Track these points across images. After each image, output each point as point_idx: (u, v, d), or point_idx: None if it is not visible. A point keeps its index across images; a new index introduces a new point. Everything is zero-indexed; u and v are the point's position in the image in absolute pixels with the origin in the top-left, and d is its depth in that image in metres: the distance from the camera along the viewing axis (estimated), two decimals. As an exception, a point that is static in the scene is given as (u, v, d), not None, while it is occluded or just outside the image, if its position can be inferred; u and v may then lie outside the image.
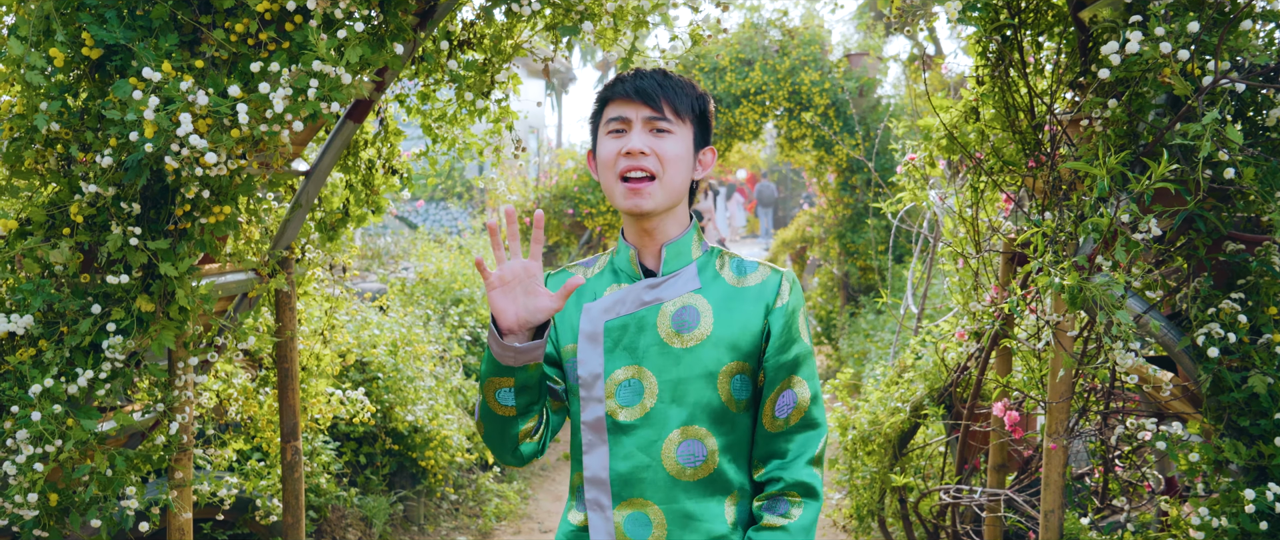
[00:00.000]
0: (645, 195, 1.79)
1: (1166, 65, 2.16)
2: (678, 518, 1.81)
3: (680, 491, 1.82)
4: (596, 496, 1.84)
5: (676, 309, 1.84)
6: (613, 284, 1.90)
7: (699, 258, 1.90)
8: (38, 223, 2.47)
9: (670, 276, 1.86)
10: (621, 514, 1.83)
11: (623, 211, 1.83)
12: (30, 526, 2.41)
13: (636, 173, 1.79)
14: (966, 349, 3.48)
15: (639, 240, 1.88)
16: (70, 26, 2.35)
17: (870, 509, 3.96)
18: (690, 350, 1.82)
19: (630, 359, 1.83)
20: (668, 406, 1.81)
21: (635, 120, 1.80)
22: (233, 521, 3.88)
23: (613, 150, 1.81)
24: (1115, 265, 2.22)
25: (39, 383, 2.34)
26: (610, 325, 1.85)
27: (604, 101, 1.87)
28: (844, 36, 12.42)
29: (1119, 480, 2.88)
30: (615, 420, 1.83)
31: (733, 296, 1.86)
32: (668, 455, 1.81)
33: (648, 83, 1.81)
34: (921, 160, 3.25)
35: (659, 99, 1.80)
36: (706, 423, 1.82)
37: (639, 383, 1.82)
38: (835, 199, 9.74)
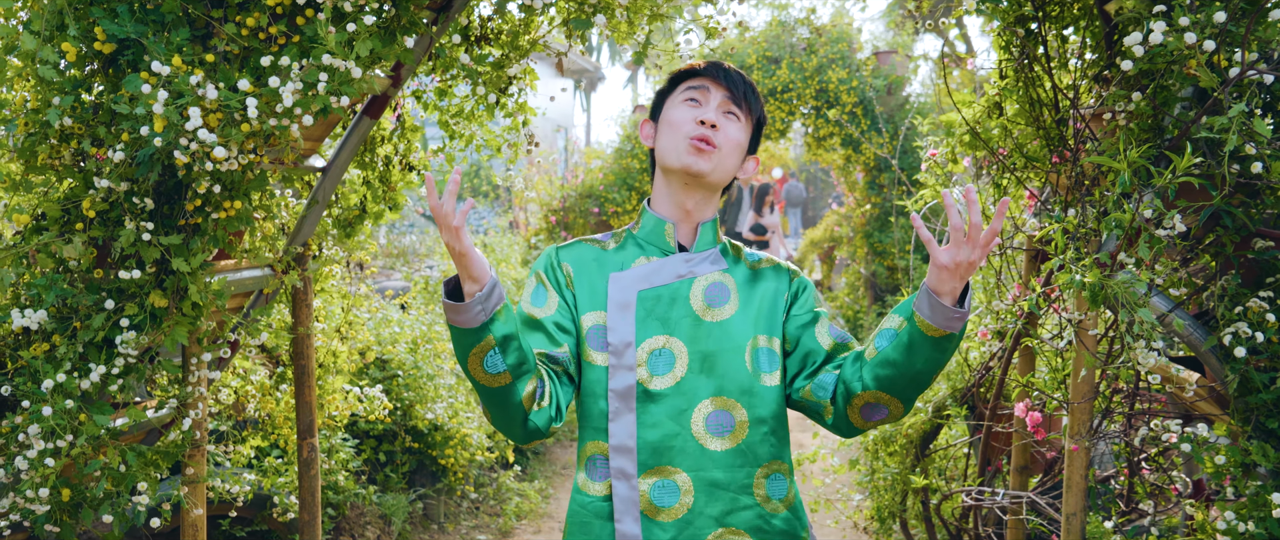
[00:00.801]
0: (706, 156, 1.88)
1: (1192, 57, 2.10)
2: (705, 486, 1.85)
3: (708, 460, 1.85)
4: (622, 465, 1.86)
5: (708, 285, 1.93)
6: (640, 256, 1.96)
7: (721, 244, 2.00)
8: (53, 218, 2.47)
9: (702, 254, 1.96)
10: (648, 482, 1.85)
11: (673, 174, 1.92)
12: (42, 522, 2.41)
13: (702, 143, 1.88)
14: (989, 348, 3.42)
15: (676, 214, 1.96)
16: (83, 21, 2.35)
17: (892, 511, 3.91)
18: (720, 324, 1.89)
19: (662, 329, 1.89)
20: (698, 377, 1.87)
21: (713, 97, 1.92)
22: (251, 518, 3.88)
23: (688, 115, 1.91)
24: (1139, 262, 2.17)
25: (51, 378, 2.34)
26: (644, 294, 1.90)
27: (682, 77, 1.98)
28: (873, 35, 12.33)
29: (1145, 483, 2.82)
30: (646, 388, 1.86)
31: (753, 277, 1.97)
32: (697, 424, 1.86)
33: (733, 74, 1.95)
34: (943, 156, 3.20)
35: (739, 89, 1.94)
36: (735, 394, 1.87)
37: (670, 352, 1.88)
38: (863, 198, 9.68)
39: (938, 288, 1.67)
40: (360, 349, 4.03)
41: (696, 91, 1.92)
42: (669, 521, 1.84)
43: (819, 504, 4.25)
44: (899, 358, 1.74)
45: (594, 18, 2.66)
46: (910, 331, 1.72)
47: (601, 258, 1.97)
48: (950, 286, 1.66)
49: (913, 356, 1.73)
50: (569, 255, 1.98)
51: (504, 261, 8.22)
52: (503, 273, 7.72)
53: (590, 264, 1.96)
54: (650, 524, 1.84)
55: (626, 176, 9.82)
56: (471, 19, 3.12)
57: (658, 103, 2.01)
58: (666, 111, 1.96)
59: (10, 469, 2.35)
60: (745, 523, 1.87)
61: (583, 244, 2.01)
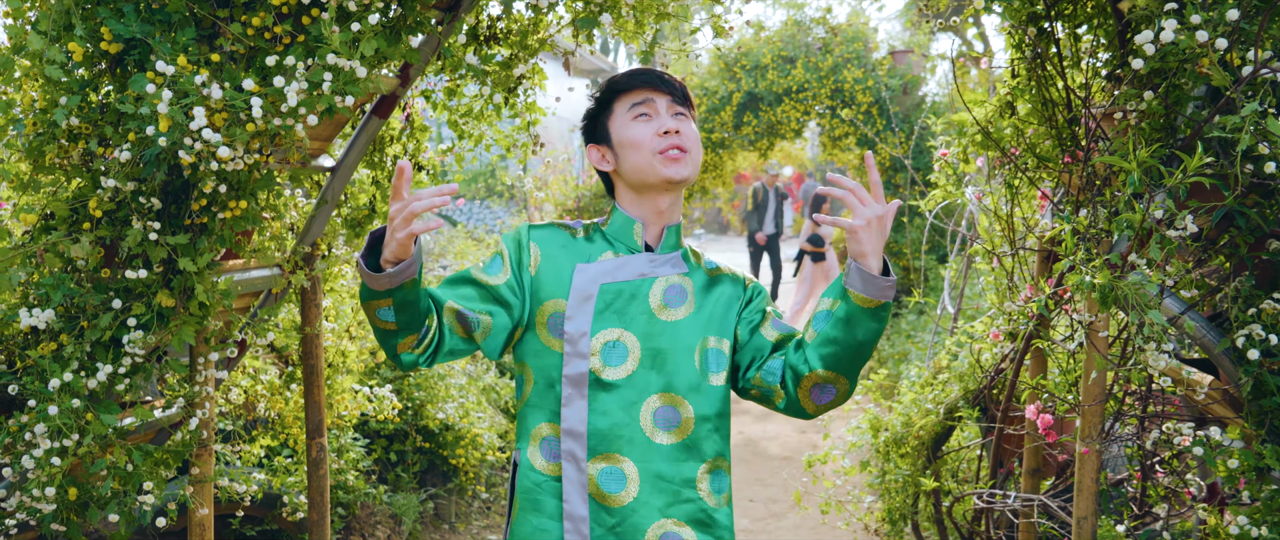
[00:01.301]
0: (684, 163, 1.96)
1: (1204, 55, 2.07)
2: (650, 477, 1.93)
3: (655, 453, 1.93)
4: (572, 448, 1.94)
5: (667, 286, 2.00)
6: (608, 251, 2.02)
7: (683, 249, 2.08)
8: (61, 217, 2.48)
9: (666, 255, 2.03)
10: (596, 467, 1.93)
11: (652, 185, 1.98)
12: (48, 520, 2.42)
13: (675, 151, 1.95)
14: (1001, 350, 3.39)
15: (647, 215, 2.03)
16: (89, 21, 2.35)
17: (903, 513, 3.88)
18: (673, 324, 1.97)
19: (618, 322, 1.96)
20: (648, 372, 1.95)
21: (660, 105, 1.98)
22: (261, 517, 3.89)
23: (646, 131, 1.96)
24: (1150, 264, 2.14)
25: (58, 377, 2.35)
26: (606, 287, 1.98)
27: (614, 96, 2.03)
28: (889, 34, 12.27)
29: (1158, 486, 2.79)
30: (598, 377, 1.94)
31: (710, 282, 2.05)
32: (645, 417, 1.94)
33: (668, 77, 2.00)
34: (954, 156, 3.17)
35: (679, 89, 2.01)
36: (683, 391, 1.95)
37: (623, 345, 1.95)
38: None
39: (861, 252, 1.79)
40: (371, 348, 4.03)
41: (643, 105, 1.98)
42: (615, 508, 1.92)
43: (829, 506, 4.23)
44: (840, 334, 1.85)
45: (600, 17, 2.64)
46: (846, 308, 1.82)
47: (570, 244, 2.04)
48: (872, 247, 1.79)
49: (852, 330, 1.84)
50: (540, 236, 2.04)
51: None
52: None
53: (558, 249, 2.03)
54: (597, 507, 1.92)
55: (641, 176, 9.79)
56: (480, 19, 3.12)
57: (596, 124, 2.06)
58: (618, 133, 2.00)
59: (17, 468, 2.35)
60: (687, 514, 1.94)
61: (555, 227, 2.07)
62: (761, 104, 9.41)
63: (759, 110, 9.45)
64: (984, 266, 3.33)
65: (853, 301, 1.81)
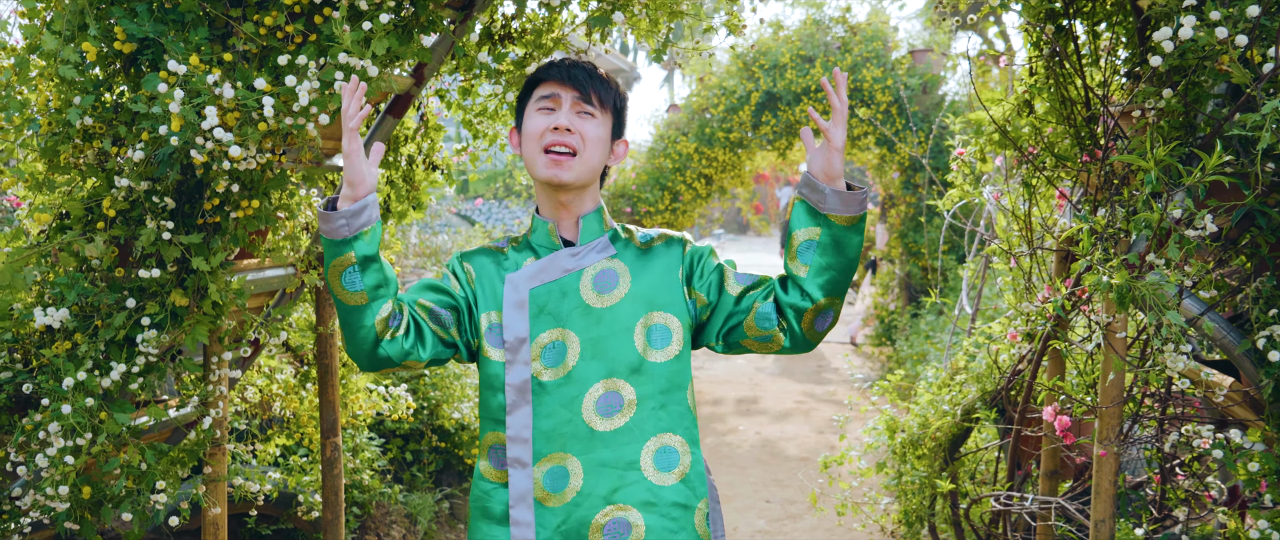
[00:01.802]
0: (565, 167, 1.96)
1: (1224, 52, 2.04)
2: (594, 467, 1.94)
3: (598, 442, 1.95)
4: (518, 454, 1.95)
5: (597, 273, 2.02)
6: (531, 257, 2.05)
7: (609, 231, 2.08)
8: (76, 217, 2.49)
9: (588, 245, 2.04)
10: (542, 469, 1.95)
11: (540, 183, 2.01)
12: (62, 518, 2.43)
13: (561, 147, 1.96)
14: (1019, 351, 3.36)
15: (556, 214, 2.05)
16: (103, 21, 2.36)
17: (919, 515, 3.85)
18: (610, 309, 1.99)
19: (554, 322, 1.98)
20: (588, 363, 1.96)
21: (565, 100, 1.99)
22: (276, 517, 3.90)
23: (541, 124, 1.98)
24: (1169, 263, 2.11)
25: (72, 376, 2.36)
26: (535, 291, 2.00)
27: (535, 82, 2.04)
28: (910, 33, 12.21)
29: (1178, 489, 2.75)
30: (539, 381, 1.96)
31: (644, 256, 2.06)
32: (587, 408, 1.95)
33: (579, 71, 2.00)
34: (971, 155, 3.14)
35: (588, 86, 1.99)
36: (624, 374, 1.96)
37: (562, 344, 1.97)
38: (898, 198, 9.58)
39: (833, 174, 1.87)
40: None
41: (548, 99, 1.99)
42: (559, 506, 1.94)
43: (845, 507, 4.20)
44: (832, 259, 1.90)
45: (612, 15, 2.63)
46: (831, 232, 1.89)
47: (500, 261, 2.06)
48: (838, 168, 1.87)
49: (843, 250, 1.90)
50: (472, 259, 2.08)
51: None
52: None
53: (490, 268, 2.05)
54: (542, 509, 1.94)
55: (659, 176, 9.79)
56: (494, 18, 3.11)
57: (519, 113, 2.08)
58: (524, 123, 2.03)
59: (32, 466, 2.36)
60: (633, 498, 1.95)
61: (484, 250, 2.10)
62: (780, 103, 9.38)
63: (778, 110, 9.42)
64: (1002, 267, 3.30)
65: (836, 224, 1.87)
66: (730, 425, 7.72)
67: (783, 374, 9.75)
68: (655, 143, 10.16)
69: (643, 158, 10.29)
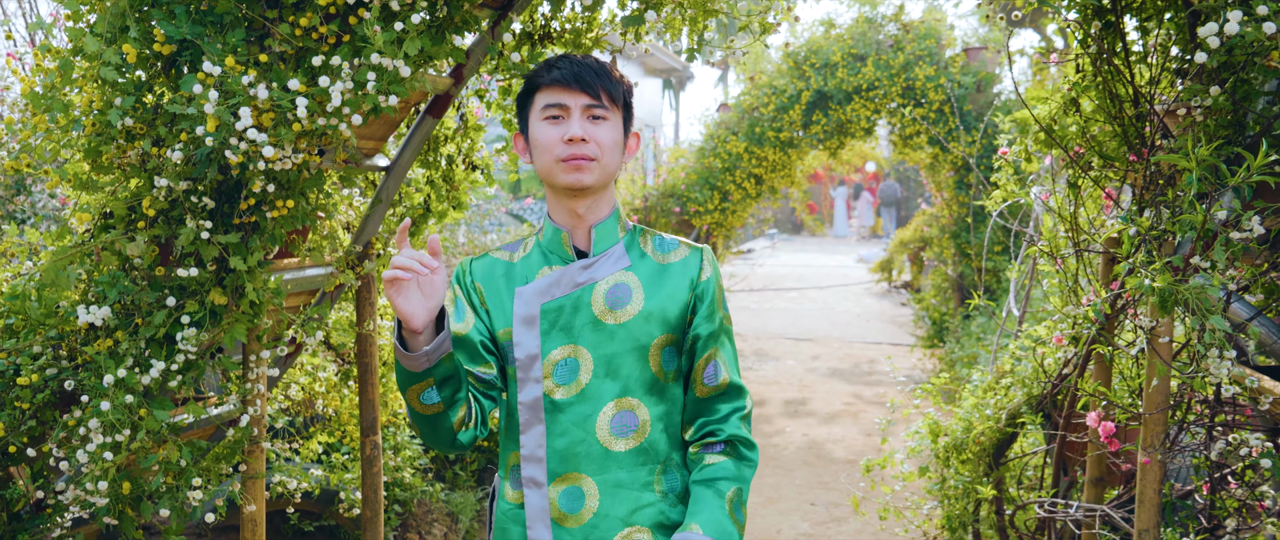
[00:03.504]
0: (587, 170, 1.87)
1: (1274, 48, 1.98)
2: (609, 488, 1.90)
3: (613, 462, 1.90)
4: (533, 474, 1.91)
5: (609, 287, 1.93)
6: (543, 266, 1.96)
7: (624, 237, 1.99)
8: (119, 216, 2.53)
9: (602, 256, 1.95)
10: (556, 489, 1.90)
11: (558, 190, 1.91)
12: (102, 514, 2.47)
13: (579, 159, 1.87)
14: (1064, 354, 3.28)
15: (569, 221, 1.96)
16: (143, 23, 2.40)
17: (963, 520, 3.79)
18: (623, 326, 1.91)
19: (566, 339, 1.91)
20: (602, 381, 1.90)
21: (573, 107, 1.87)
22: (318, 513, 3.94)
23: (553, 136, 1.87)
24: (1213, 266, 2.04)
25: (113, 373, 2.39)
26: (546, 307, 1.92)
27: (535, 87, 1.92)
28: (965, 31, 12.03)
29: (1230, 499, 2.67)
30: (552, 399, 1.90)
31: (660, 272, 1.96)
32: (601, 427, 1.89)
33: (586, 72, 1.87)
34: (1015, 155, 3.08)
35: (597, 87, 1.87)
36: (640, 393, 1.91)
37: (575, 361, 1.90)
38: (950, 198, 9.45)
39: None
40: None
41: (555, 108, 1.88)
42: (576, 527, 1.89)
43: (888, 512, 4.15)
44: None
45: (645, 15, 2.61)
46: None
47: (509, 271, 1.99)
48: None
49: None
50: (479, 269, 2.01)
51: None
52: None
53: (499, 279, 1.98)
54: (560, 530, 1.90)
55: (709, 176, 9.75)
56: (533, 18, 3.11)
57: (521, 117, 1.98)
58: (532, 132, 1.92)
59: (73, 462, 2.40)
60: (649, 519, 1.91)
61: (490, 257, 2.03)
62: (831, 102, 9.29)
63: (828, 109, 9.34)
64: (1047, 268, 3.23)
65: None
66: (777, 426, 7.67)
67: (833, 375, 9.67)
68: (705, 142, 10.11)
69: (692, 157, 10.25)
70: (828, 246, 25.59)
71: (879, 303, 15.13)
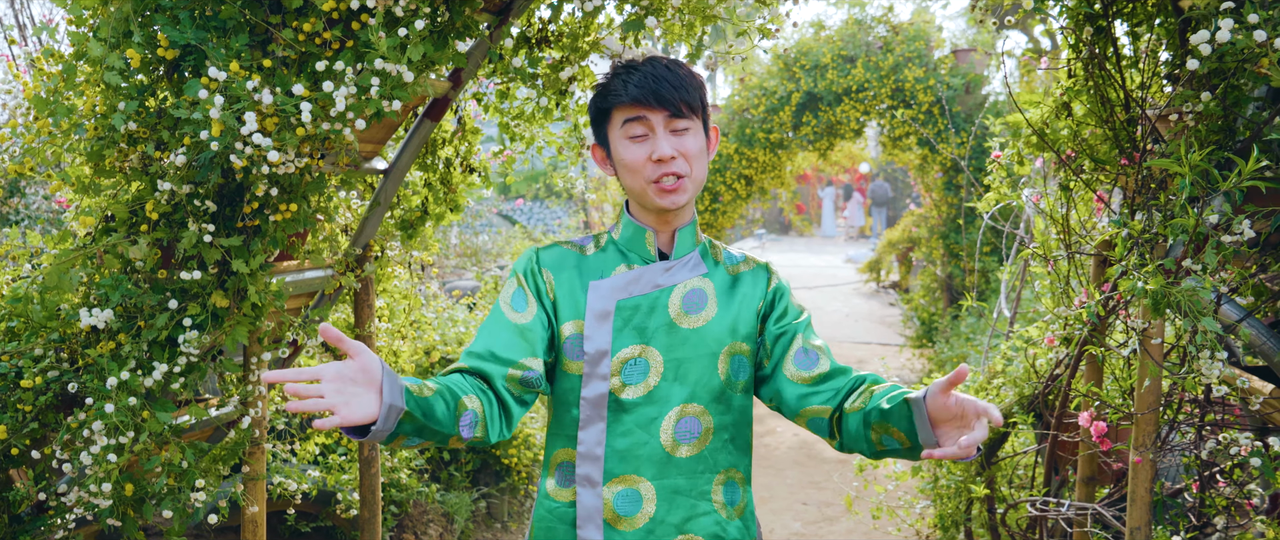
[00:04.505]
0: (681, 190, 1.83)
1: (1264, 55, 2.01)
2: (667, 493, 1.86)
3: (673, 467, 1.86)
4: (588, 472, 1.86)
5: (687, 291, 1.90)
6: (620, 264, 1.92)
7: (700, 245, 1.97)
8: (121, 219, 2.54)
9: (681, 260, 1.92)
10: (612, 490, 1.86)
11: (652, 208, 1.87)
12: (105, 515, 2.48)
13: (669, 179, 1.82)
14: (1056, 355, 3.33)
15: (655, 223, 1.92)
16: (147, 28, 2.41)
17: (955, 519, 3.83)
18: (697, 331, 1.88)
19: (638, 338, 1.87)
20: (670, 385, 1.86)
21: (656, 124, 1.82)
22: (315, 514, 3.95)
23: (639, 156, 1.83)
24: (1205, 269, 2.08)
25: (115, 375, 2.41)
26: (622, 303, 1.88)
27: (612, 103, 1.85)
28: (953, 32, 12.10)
29: (1218, 497, 2.71)
30: (618, 398, 1.85)
31: (732, 282, 1.95)
32: (665, 431, 1.86)
33: (664, 86, 1.81)
34: (1007, 158, 3.12)
35: (677, 101, 1.81)
36: (706, 400, 1.87)
37: (645, 361, 1.86)
38: (940, 199, 9.51)
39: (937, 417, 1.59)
40: (425, 348, 4.08)
41: (638, 124, 1.82)
42: (630, 530, 1.85)
43: (880, 511, 4.18)
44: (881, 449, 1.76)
45: (645, 20, 2.64)
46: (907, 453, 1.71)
47: (581, 263, 1.93)
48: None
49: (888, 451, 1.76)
50: (548, 259, 1.93)
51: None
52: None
53: (570, 270, 1.92)
54: (612, 532, 1.85)
55: (698, 177, 9.77)
56: (531, 22, 3.14)
57: (598, 130, 1.92)
58: (615, 150, 1.87)
59: (76, 463, 2.42)
60: (704, 529, 1.88)
61: (561, 248, 1.96)
62: (821, 104, 9.34)
63: (818, 110, 9.38)
64: (1039, 270, 3.27)
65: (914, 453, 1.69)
66: (768, 426, 7.71)
67: (822, 375, 9.69)
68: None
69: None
70: (816, 247, 25.65)
71: (867, 303, 15.18)
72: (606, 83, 1.88)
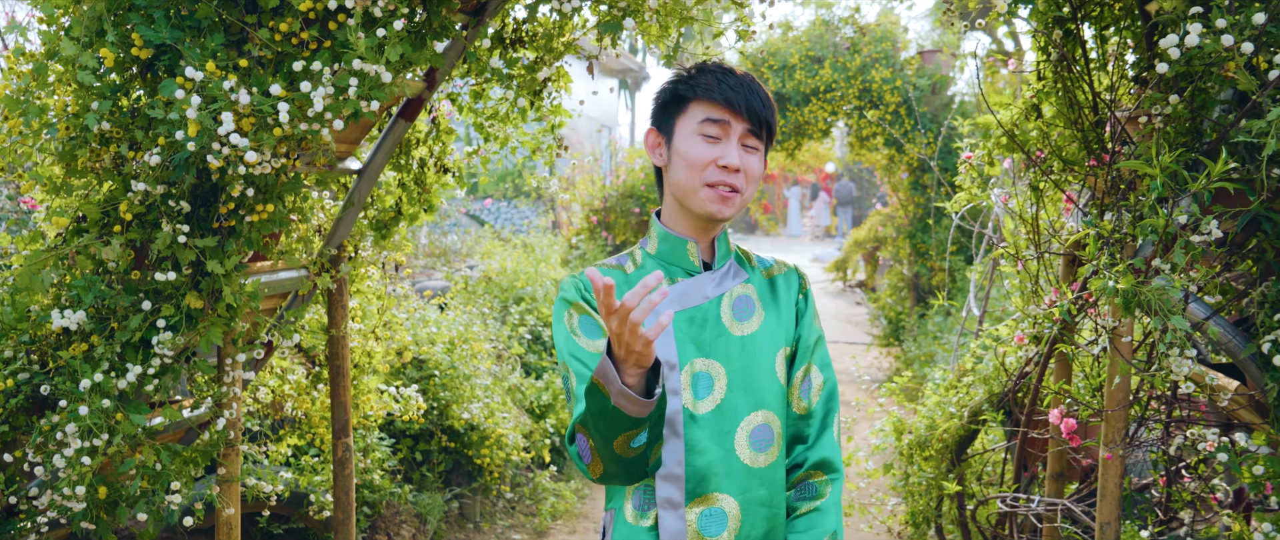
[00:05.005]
0: (731, 203, 1.81)
1: (1230, 58, 2.06)
2: (752, 506, 1.81)
3: (754, 479, 1.82)
4: (669, 494, 1.78)
5: (735, 299, 1.88)
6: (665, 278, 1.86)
7: (734, 252, 1.95)
8: (93, 220, 2.52)
9: (723, 268, 1.90)
10: (695, 511, 1.79)
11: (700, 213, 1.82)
12: (78, 518, 2.46)
13: (727, 188, 1.80)
14: (1026, 353, 3.37)
15: (697, 233, 1.88)
16: (121, 28, 2.39)
17: (926, 516, 3.87)
18: (751, 337, 1.86)
19: (698, 351, 1.82)
20: (737, 395, 1.82)
21: (734, 133, 1.81)
22: (288, 516, 3.93)
23: (707, 156, 1.80)
24: (1174, 268, 2.13)
25: (89, 378, 2.39)
26: (680, 316, 1.83)
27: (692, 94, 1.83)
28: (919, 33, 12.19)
29: (1184, 492, 2.77)
30: (692, 413, 1.80)
31: (771, 286, 1.93)
32: (741, 443, 1.81)
33: (756, 100, 1.81)
34: (979, 159, 3.16)
35: (761, 118, 1.81)
36: (774, 406, 1.85)
37: (709, 375, 1.82)
38: (906, 199, 9.59)
39: None
40: (397, 349, 4.07)
41: (717, 125, 1.80)
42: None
43: (852, 508, 4.22)
44: None
45: (623, 21, 2.65)
46: None
47: (628, 281, 1.89)
48: None
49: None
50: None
51: (543, 261, 8.25)
52: (542, 273, 7.75)
53: (622, 290, 1.86)
54: None
55: (667, 176, 9.80)
56: (506, 22, 3.14)
57: (665, 114, 1.89)
58: (680, 142, 1.83)
59: (49, 467, 2.39)
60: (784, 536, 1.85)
61: (605, 271, 1.92)
62: (789, 104, 9.39)
63: (786, 110, 9.43)
64: (1009, 269, 3.32)
65: None
66: (738, 425, 7.72)
67: (791, 374, 9.74)
68: (663, 142, 10.16)
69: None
70: (782, 246, 25.77)
71: (834, 302, 15.28)
72: (694, 74, 1.85)
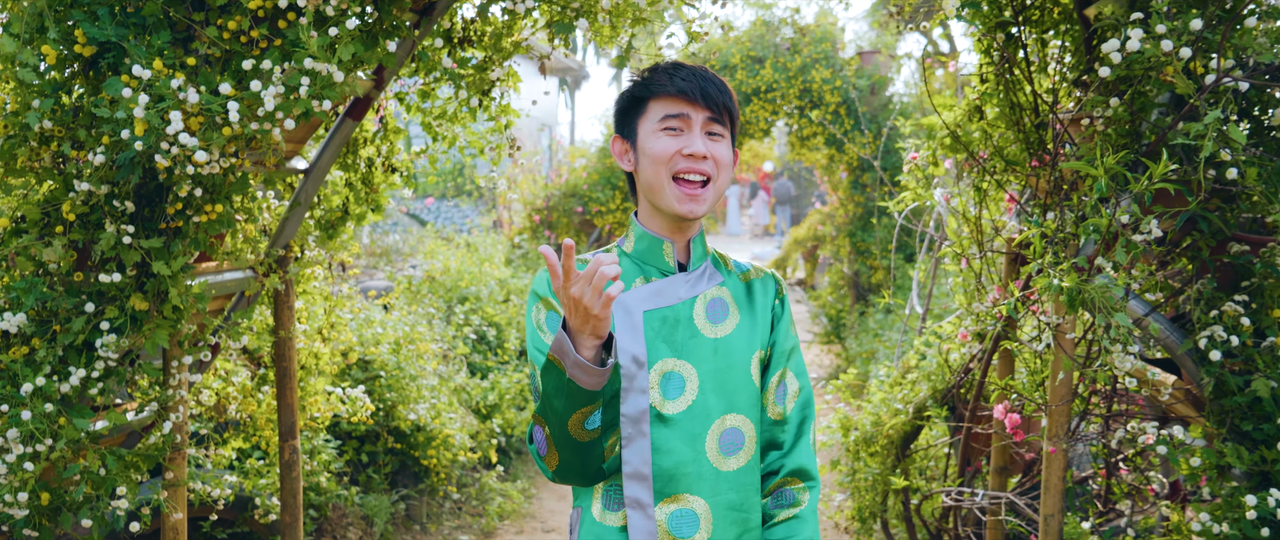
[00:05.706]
0: (701, 200, 1.80)
1: (1169, 63, 2.12)
2: (723, 510, 1.80)
3: (724, 482, 1.80)
4: (637, 494, 1.77)
5: (708, 301, 1.86)
6: (638, 277, 1.86)
7: (711, 254, 1.94)
8: (32, 220, 2.46)
9: (699, 270, 1.88)
10: (665, 511, 1.78)
11: (669, 212, 1.82)
12: (21, 526, 2.40)
13: (695, 176, 1.79)
14: (969, 350, 3.44)
15: (672, 233, 1.87)
16: (63, 24, 2.34)
17: (872, 511, 3.93)
18: (724, 340, 1.84)
19: (670, 351, 1.81)
20: (709, 397, 1.81)
21: (695, 122, 1.80)
22: (233, 520, 3.87)
23: (670, 148, 1.79)
24: (1116, 267, 2.19)
25: (31, 381, 2.33)
26: (650, 315, 1.82)
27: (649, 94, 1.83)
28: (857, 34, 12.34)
29: (1122, 484, 2.84)
30: (659, 412, 1.79)
31: (747, 290, 1.91)
32: (710, 446, 1.80)
33: (711, 87, 1.80)
34: (924, 159, 3.22)
35: (720, 103, 1.81)
36: (745, 409, 1.84)
37: (680, 375, 1.81)
38: (846, 198, 9.70)
39: None
40: (343, 350, 4.03)
41: (677, 119, 1.80)
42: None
43: (801, 504, 4.27)
44: None
45: (576, 21, 2.66)
46: None
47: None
48: None
49: None
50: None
51: (487, 260, 8.22)
52: (486, 273, 7.71)
53: None
54: None
55: (610, 176, 9.83)
56: (454, 21, 3.12)
57: (626, 119, 1.89)
58: (644, 141, 1.83)
59: (-11, 473, 2.33)
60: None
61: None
62: (730, 104, 9.44)
63: (728, 110, 9.48)
64: (952, 268, 3.39)
65: None
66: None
67: (733, 372, 9.80)
68: (605, 142, 10.19)
69: (594, 157, 10.31)
70: (721, 245, 25.89)
71: (775, 300, 15.35)
72: (648, 75, 1.85)
